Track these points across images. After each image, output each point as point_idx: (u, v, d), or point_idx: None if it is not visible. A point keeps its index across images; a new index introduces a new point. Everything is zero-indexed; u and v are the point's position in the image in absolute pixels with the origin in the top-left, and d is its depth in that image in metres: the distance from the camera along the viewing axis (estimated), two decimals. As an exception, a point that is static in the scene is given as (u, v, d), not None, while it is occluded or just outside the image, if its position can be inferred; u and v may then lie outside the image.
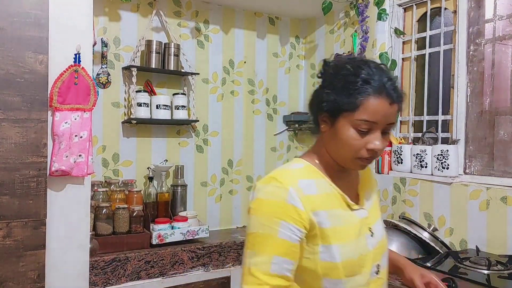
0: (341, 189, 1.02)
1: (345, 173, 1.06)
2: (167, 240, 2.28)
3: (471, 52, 2.13)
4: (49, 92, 1.69)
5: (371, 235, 1.03)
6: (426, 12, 2.36)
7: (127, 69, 2.44)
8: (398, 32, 2.45)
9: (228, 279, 2.40)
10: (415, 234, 1.91)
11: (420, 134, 2.31)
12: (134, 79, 2.39)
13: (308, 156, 1.07)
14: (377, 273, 1.03)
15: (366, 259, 1.00)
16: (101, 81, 2.38)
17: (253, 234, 0.94)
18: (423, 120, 2.34)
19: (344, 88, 0.96)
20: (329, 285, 0.96)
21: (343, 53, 2.68)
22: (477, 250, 1.82)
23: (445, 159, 2.07)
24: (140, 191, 2.40)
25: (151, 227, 2.30)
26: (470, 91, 2.13)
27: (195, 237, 2.37)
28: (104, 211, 2.18)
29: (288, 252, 0.92)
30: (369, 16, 2.51)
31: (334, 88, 0.98)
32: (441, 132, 2.24)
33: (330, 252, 0.95)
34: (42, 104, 1.64)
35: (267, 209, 0.94)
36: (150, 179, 2.50)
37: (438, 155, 2.10)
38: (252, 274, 0.91)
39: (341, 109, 0.96)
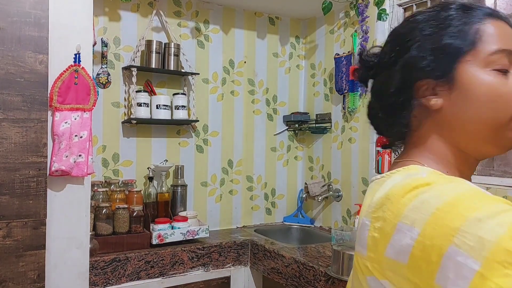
0: None
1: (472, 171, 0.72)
2: (167, 240, 2.27)
3: (471, 52, 2.12)
4: (49, 92, 1.68)
5: None
6: (426, 12, 2.36)
7: (127, 69, 2.44)
8: (398, 32, 2.44)
9: (228, 279, 2.40)
10: (415, 234, 1.91)
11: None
12: (134, 79, 2.39)
13: (417, 159, 0.68)
14: None
15: None
16: (101, 81, 2.38)
17: None
18: (423, 120, 2.34)
19: (443, 27, 0.64)
20: None
21: (343, 53, 2.68)
22: (477, 250, 1.81)
23: (445, 159, 2.07)
24: (140, 191, 2.40)
25: (151, 227, 2.30)
26: (470, 91, 2.12)
27: (195, 237, 2.37)
28: (104, 211, 2.18)
29: None
30: (369, 16, 2.51)
31: (426, 39, 0.65)
32: (441, 132, 2.24)
33: None
34: (42, 104, 1.64)
35: None
36: (150, 179, 2.50)
37: (438, 155, 2.09)
38: None
39: (456, 52, 0.63)
